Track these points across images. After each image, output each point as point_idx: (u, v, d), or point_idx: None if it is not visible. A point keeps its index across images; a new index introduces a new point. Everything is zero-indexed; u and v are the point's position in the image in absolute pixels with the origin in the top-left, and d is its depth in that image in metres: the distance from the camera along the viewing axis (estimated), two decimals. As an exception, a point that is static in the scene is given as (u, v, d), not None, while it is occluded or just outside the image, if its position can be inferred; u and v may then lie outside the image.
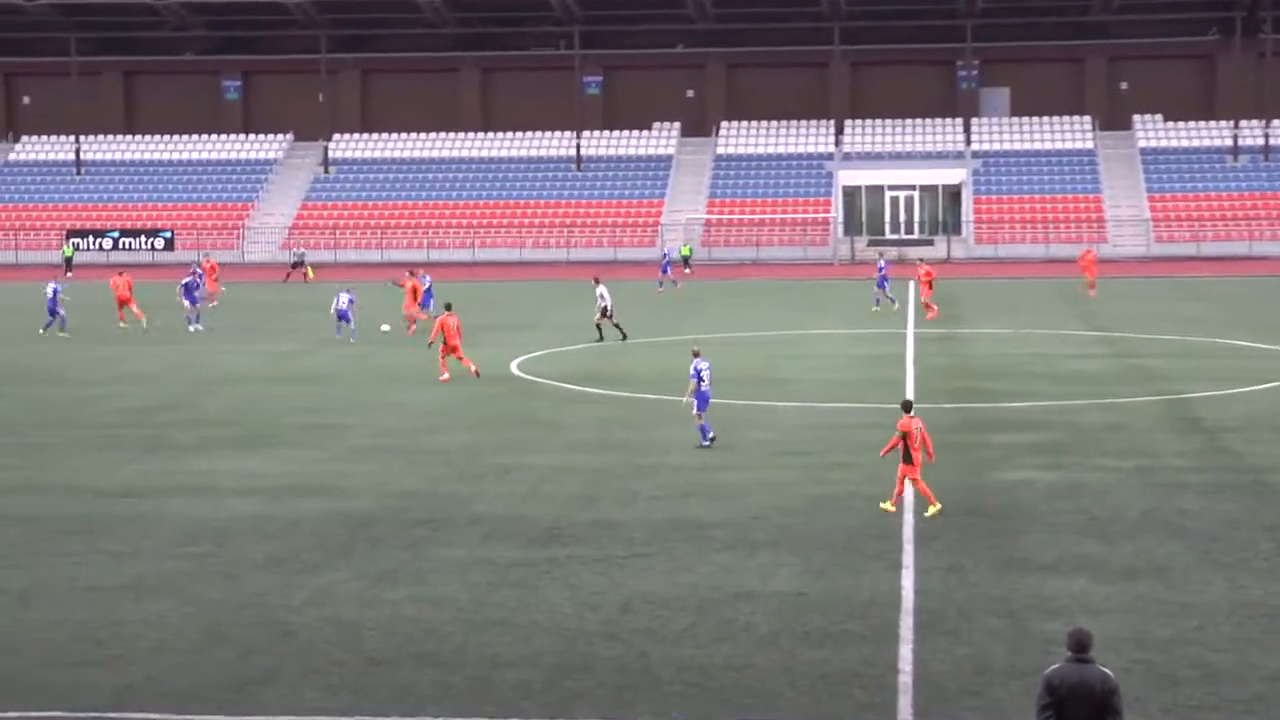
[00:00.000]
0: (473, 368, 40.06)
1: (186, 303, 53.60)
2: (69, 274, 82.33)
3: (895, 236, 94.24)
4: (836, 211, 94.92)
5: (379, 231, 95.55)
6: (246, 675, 17.34)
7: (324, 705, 16.42)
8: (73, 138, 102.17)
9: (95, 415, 35.62)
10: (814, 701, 16.50)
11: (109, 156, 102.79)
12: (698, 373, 30.18)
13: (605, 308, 48.67)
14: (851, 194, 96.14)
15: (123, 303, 54.76)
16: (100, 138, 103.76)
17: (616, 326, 49.05)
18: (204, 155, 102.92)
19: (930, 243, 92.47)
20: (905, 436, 24.20)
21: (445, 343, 40.24)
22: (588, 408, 35.31)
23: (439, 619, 19.29)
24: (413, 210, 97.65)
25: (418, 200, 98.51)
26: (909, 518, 24.29)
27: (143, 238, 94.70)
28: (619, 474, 28.21)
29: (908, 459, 24.21)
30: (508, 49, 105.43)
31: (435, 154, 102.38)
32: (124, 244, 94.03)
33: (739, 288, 73.46)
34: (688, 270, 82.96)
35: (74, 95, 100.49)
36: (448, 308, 41.60)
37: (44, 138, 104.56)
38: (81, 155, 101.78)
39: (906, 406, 24.95)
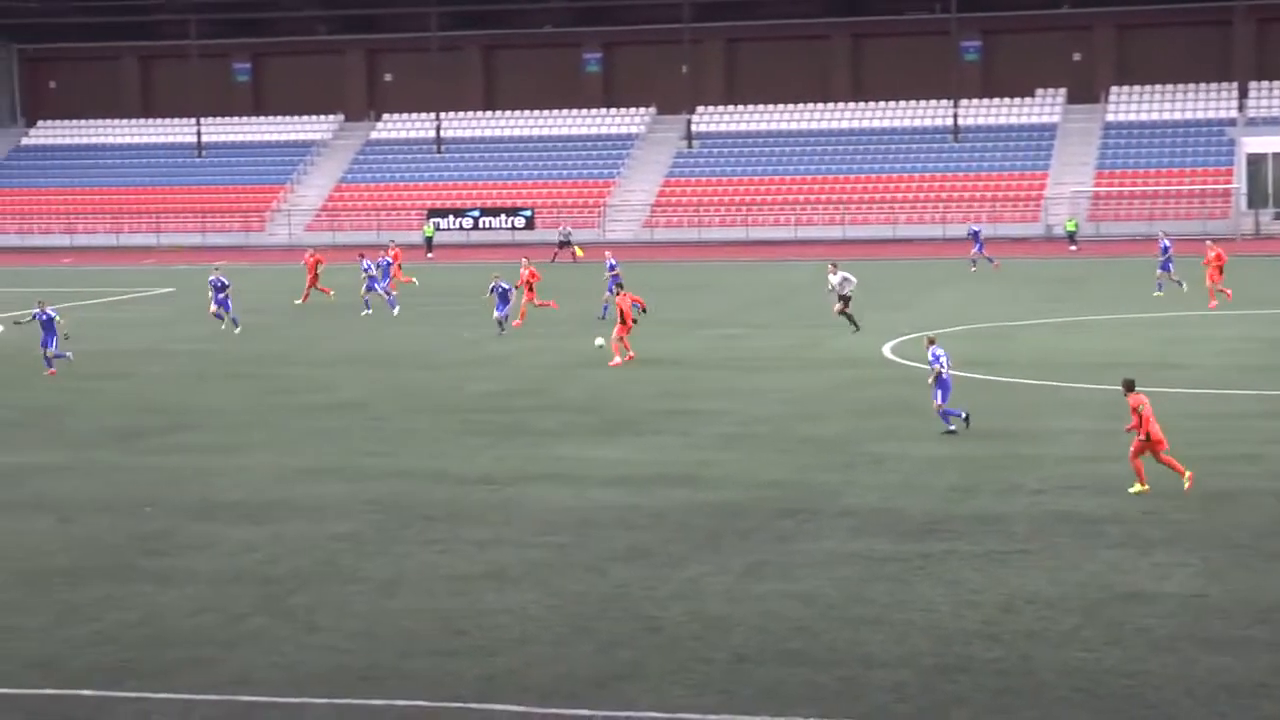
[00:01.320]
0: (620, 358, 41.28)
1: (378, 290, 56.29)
2: (429, 254, 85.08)
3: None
4: (1239, 182, 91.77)
5: (743, 208, 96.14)
6: (610, 670, 17.68)
7: (690, 703, 16.61)
8: (433, 115, 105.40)
9: (456, 400, 36.76)
10: (1214, 713, 16.03)
11: (469, 134, 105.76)
12: (936, 359, 30.87)
13: (844, 295, 46.73)
14: (1257, 162, 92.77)
15: (312, 281, 58.15)
16: (460, 114, 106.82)
17: (847, 317, 46.79)
18: (564, 131, 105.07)
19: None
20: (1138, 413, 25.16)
21: (622, 322, 41.51)
22: (964, 394, 34.93)
23: (808, 615, 19.35)
24: (779, 185, 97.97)
25: (784, 175, 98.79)
26: (1321, 516, 23.41)
27: (502, 216, 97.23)
28: (999, 464, 27.86)
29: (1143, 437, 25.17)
30: (880, 14, 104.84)
31: (803, 126, 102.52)
32: (484, 223, 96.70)
33: (1129, 266, 71.64)
34: (1073, 247, 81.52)
35: (434, 72, 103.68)
36: (620, 288, 42.83)
37: (405, 116, 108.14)
38: (442, 132, 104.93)
39: (1129, 385, 25.79)
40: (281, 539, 23.72)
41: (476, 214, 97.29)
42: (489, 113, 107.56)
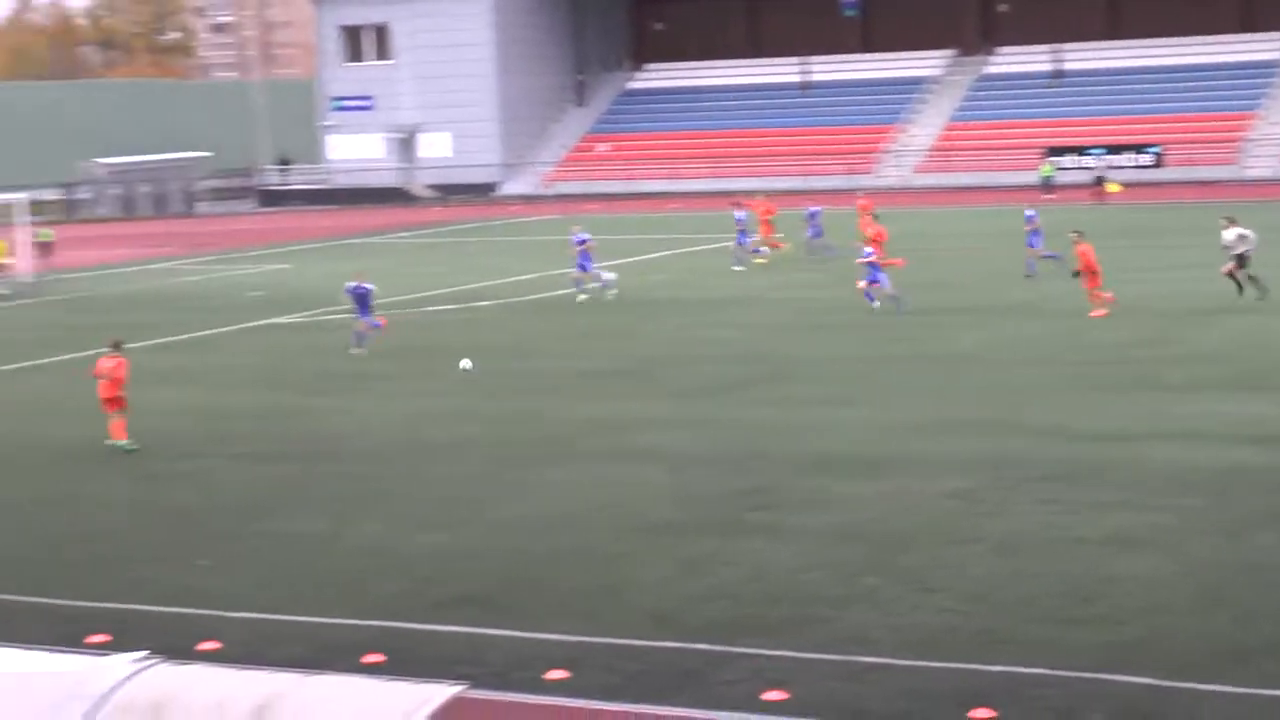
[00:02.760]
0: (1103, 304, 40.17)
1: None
2: (1049, 195, 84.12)
3: None
4: None
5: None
6: (1247, 643, 17.25)
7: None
8: (1051, 47, 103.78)
9: (1071, 350, 36.34)
10: None
11: (1090, 65, 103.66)
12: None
13: (1242, 254, 42.04)
14: None
15: (766, 229, 58.05)
16: (1081, 45, 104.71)
17: (1252, 280, 41.96)
18: (1197, 60, 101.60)
19: None
20: None
21: (1088, 272, 40.93)
22: None
23: None
24: None
25: None
26: None
27: (1129, 154, 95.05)
28: None
29: None
30: None
31: None
32: (1107, 161, 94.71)
33: None
34: None
35: (1052, 1, 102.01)
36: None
37: (1021, 48, 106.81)
38: (1062, 65, 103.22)
39: None
40: (891, 495, 24.06)
41: (1100, 151, 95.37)
42: (1113, 42, 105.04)
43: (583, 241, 48.73)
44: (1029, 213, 51.55)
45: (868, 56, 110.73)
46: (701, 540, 22.06)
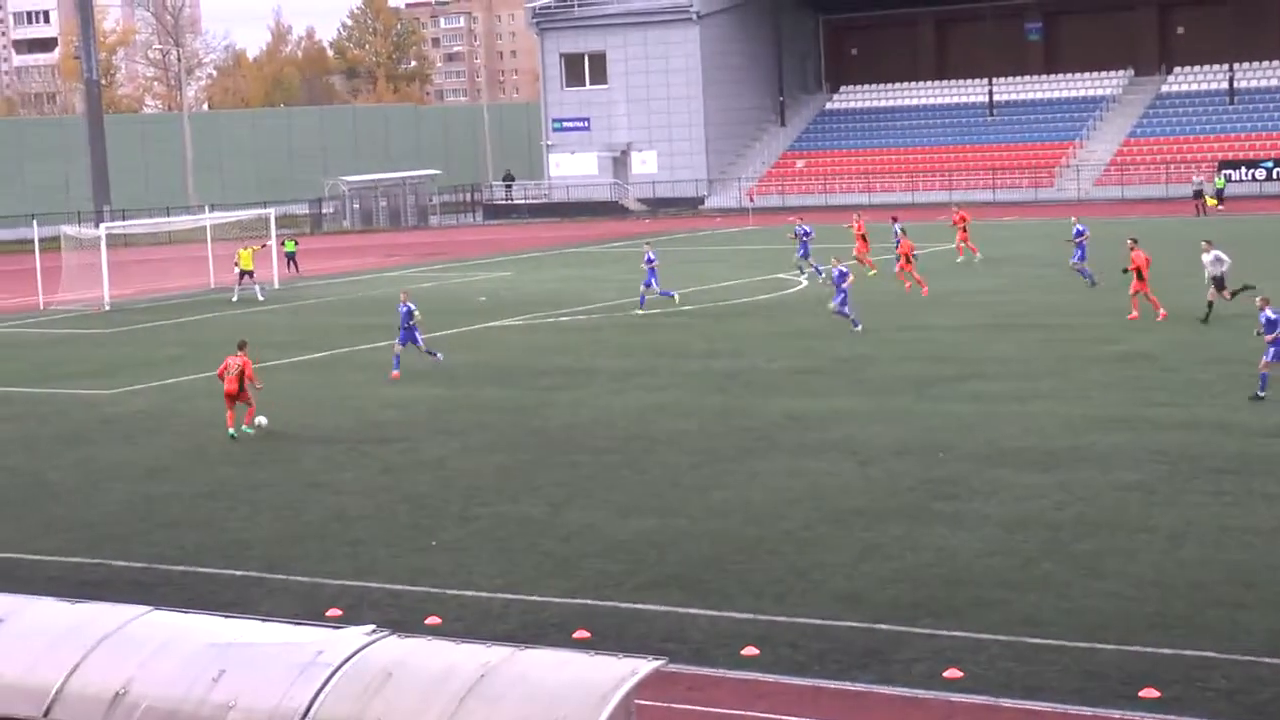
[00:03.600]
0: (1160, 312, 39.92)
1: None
2: (1219, 205, 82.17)
3: None
4: None
5: None
6: None
7: None
8: (1226, 66, 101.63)
9: (1244, 352, 35.48)
10: None
11: (1265, 83, 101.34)
12: (1267, 320, 30.21)
13: (1217, 276, 40.82)
14: None
15: (861, 250, 56.69)
16: (1256, 64, 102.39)
17: (1219, 299, 40.53)
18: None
19: None
20: None
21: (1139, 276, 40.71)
22: None
23: None
24: None
25: None
26: None
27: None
28: None
29: None
30: None
31: None
32: (1277, 174, 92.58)
33: None
34: None
35: (1227, 23, 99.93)
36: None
37: (1196, 68, 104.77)
38: (1236, 83, 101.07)
39: None
40: (1069, 486, 23.70)
41: (1270, 165, 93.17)
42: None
43: (650, 261, 49.03)
44: (1079, 227, 50.61)
45: (1050, 77, 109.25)
46: (888, 527, 21.90)
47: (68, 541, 23.31)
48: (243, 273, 58.07)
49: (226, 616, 13.66)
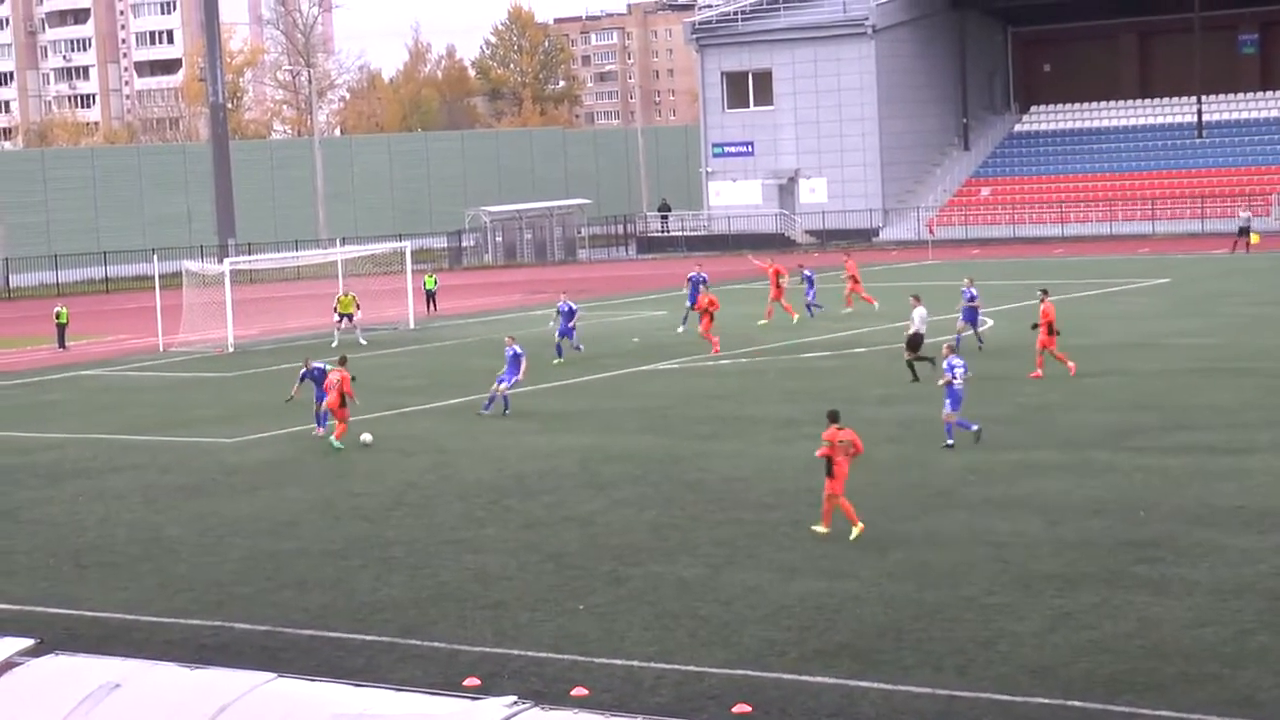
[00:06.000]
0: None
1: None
2: None
3: None
4: None
5: None
6: None
7: None
8: None
9: None
10: None
11: None
12: (951, 369, 32.30)
13: (914, 333, 42.51)
14: None
15: (852, 287, 59.28)
16: None
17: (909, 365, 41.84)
18: None
19: None
20: (831, 449, 25.33)
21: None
22: None
23: None
24: None
25: None
26: None
27: None
28: None
29: (830, 473, 25.28)
30: None
31: None
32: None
33: None
34: None
35: None
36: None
37: None
38: None
39: (833, 416, 25.96)
40: (1288, 550, 23.28)
41: None
42: None
43: (810, 279, 52.86)
44: None
45: (1265, 95, 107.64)
46: (1082, 593, 21.62)
47: (187, 602, 23.68)
48: (342, 316, 59.02)
49: (356, 685, 13.80)
